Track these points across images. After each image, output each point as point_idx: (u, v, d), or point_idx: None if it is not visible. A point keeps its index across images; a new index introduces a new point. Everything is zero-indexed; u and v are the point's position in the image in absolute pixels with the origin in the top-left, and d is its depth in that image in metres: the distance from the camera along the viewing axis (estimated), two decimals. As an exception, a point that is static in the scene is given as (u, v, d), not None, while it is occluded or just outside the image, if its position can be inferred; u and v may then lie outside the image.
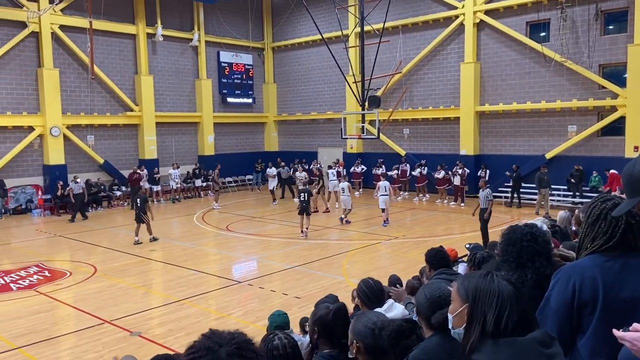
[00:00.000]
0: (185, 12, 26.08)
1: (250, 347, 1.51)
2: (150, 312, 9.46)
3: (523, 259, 2.80)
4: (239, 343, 1.51)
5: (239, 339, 1.52)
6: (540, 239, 2.89)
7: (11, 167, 20.73)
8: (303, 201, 15.65)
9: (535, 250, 2.82)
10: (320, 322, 3.13)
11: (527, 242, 2.84)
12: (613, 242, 2.26)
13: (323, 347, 3.13)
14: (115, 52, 23.69)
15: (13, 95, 20.75)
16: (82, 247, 14.86)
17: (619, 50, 18.38)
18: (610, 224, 2.27)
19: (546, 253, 2.87)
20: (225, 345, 1.49)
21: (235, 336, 1.53)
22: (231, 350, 1.48)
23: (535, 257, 2.81)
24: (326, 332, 3.12)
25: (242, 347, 1.49)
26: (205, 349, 1.49)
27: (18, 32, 20.54)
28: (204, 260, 13.38)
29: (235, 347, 1.49)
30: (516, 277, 2.69)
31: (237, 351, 1.48)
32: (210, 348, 1.49)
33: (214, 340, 1.52)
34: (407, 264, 11.82)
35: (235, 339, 1.52)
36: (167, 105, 25.58)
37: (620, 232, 2.25)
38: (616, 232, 2.25)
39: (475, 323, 1.80)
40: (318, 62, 27.30)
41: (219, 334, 1.54)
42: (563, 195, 19.34)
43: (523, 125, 21.01)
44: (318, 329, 3.14)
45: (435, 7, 22.83)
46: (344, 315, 3.17)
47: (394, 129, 24.46)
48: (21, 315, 9.32)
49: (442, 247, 5.20)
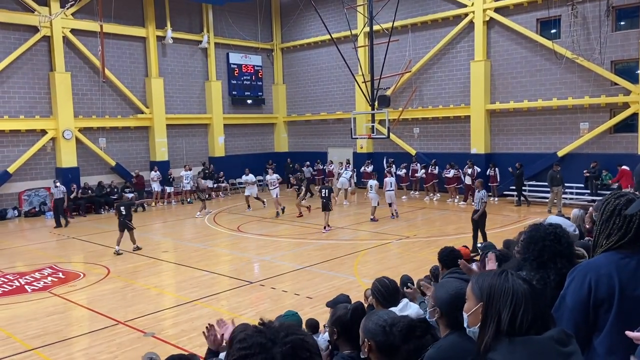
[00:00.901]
0: (194, 14, 26.22)
1: (306, 345, 1.40)
2: (163, 312, 9.52)
3: (544, 259, 2.73)
4: (293, 342, 1.39)
5: (293, 337, 1.40)
6: (564, 239, 2.81)
7: (24, 170, 20.96)
8: (324, 197, 15.92)
9: (557, 251, 2.75)
10: (339, 322, 3.12)
11: (549, 242, 2.76)
12: (628, 238, 2.24)
13: (343, 347, 3.13)
14: (125, 55, 23.88)
15: (26, 99, 21.00)
16: (95, 249, 14.98)
17: (631, 46, 18.18)
18: (624, 219, 2.25)
19: (569, 254, 2.79)
20: (279, 344, 1.38)
21: (289, 332, 1.41)
22: (286, 350, 1.37)
23: (557, 257, 2.73)
24: (345, 332, 3.11)
25: (296, 346, 1.39)
26: (259, 345, 1.37)
27: (30, 37, 20.78)
28: (215, 261, 13.43)
29: (289, 347, 1.38)
30: (538, 278, 2.65)
31: (291, 351, 1.37)
32: (264, 345, 1.37)
33: (267, 336, 1.40)
34: (418, 263, 11.78)
35: (289, 336, 1.40)
36: (177, 107, 25.73)
37: (635, 227, 2.22)
38: (631, 228, 2.23)
39: (489, 322, 1.79)
40: (327, 62, 27.30)
41: (272, 329, 1.42)
42: (576, 193, 19.16)
43: (534, 123, 20.86)
44: (337, 329, 3.13)
45: (444, 5, 22.74)
46: (361, 315, 3.16)
47: (404, 129, 24.39)
48: (36, 317, 9.42)
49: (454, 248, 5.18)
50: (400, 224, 16.97)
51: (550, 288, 2.61)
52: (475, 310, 1.86)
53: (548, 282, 2.65)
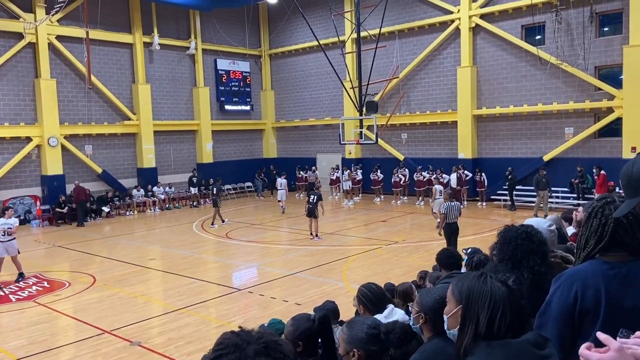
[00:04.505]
0: (181, 20, 26.16)
1: (279, 347, 1.49)
2: (150, 321, 9.42)
3: (518, 257, 2.79)
4: (267, 342, 1.48)
5: (268, 338, 1.49)
6: (536, 237, 2.88)
7: (9, 178, 20.71)
8: (311, 204, 15.64)
9: (530, 249, 2.81)
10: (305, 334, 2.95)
11: (521, 241, 2.83)
12: (604, 242, 2.20)
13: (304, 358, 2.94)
14: (112, 62, 23.74)
15: (10, 106, 20.77)
16: (81, 257, 14.82)
17: (615, 51, 18.45)
18: (600, 222, 2.22)
19: (541, 252, 2.85)
20: (253, 343, 1.46)
21: (264, 335, 1.51)
22: (259, 348, 1.45)
23: (530, 255, 2.79)
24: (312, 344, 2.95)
25: (270, 347, 1.46)
26: (233, 345, 1.46)
27: (15, 43, 20.59)
28: (203, 268, 13.34)
29: (263, 346, 1.46)
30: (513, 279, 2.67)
31: (264, 350, 1.45)
32: (238, 345, 1.46)
33: (242, 337, 1.49)
34: (407, 268, 11.79)
35: (263, 337, 1.49)
36: (164, 113, 25.61)
37: (610, 231, 2.20)
38: (606, 232, 2.21)
39: (468, 324, 1.79)
40: (315, 69, 27.37)
41: (247, 332, 1.52)
42: (562, 197, 19.35)
43: (520, 128, 21.06)
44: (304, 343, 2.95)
45: (430, 12, 22.93)
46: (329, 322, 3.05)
47: (392, 134, 24.50)
48: (21, 327, 9.28)
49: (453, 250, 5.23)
50: (389, 229, 16.99)
51: (526, 287, 2.64)
52: (455, 312, 1.87)
53: (523, 282, 2.69)
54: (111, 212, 22.21)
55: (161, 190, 24.13)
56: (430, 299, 2.59)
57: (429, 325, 2.56)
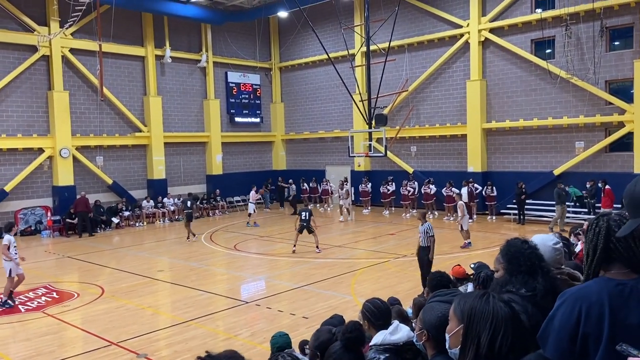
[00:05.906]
0: (193, 33, 26.46)
1: None
2: (157, 333, 9.42)
3: (535, 266, 2.78)
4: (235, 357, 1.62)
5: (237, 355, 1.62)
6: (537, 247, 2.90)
7: (21, 188, 20.93)
8: (304, 220, 15.63)
9: (538, 255, 2.82)
10: (322, 347, 3.09)
11: (529, 250, 2.84)
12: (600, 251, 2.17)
13: None
14: (124, 74, 24.04)
15: (24, 118, 21.07)
16: (90, 268, 14.89)
17: (625, 66, 18.37)
18: (594, 232, 2.20)
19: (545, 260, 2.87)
20: None
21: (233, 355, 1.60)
22: None
23: (541, 261, 2.80)
24: None
25: None
26: None
27: (29, 56, 20.94)
28: (211, 281, 13.35)
29: None
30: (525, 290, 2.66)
31: None
32: None
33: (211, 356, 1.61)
34: (415, 282, 11.72)
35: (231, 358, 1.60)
36: (175, 125, 25.83)
37: (603, 238, 2.16)
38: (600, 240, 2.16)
39: (469, 344, 1.78)
40: (325, 81, 27.51)
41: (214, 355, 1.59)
42: (572, 212, 19.16)
43: (530, 142, 20.96)
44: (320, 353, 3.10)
45: (440, 26, 23.01)
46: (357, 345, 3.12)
47: (402, 147, 24.48)
48: (29, 337, 9.32)
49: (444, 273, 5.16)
50: (398, 242, 16.90)
51: (540, 291, 2.63)
52: (457, 332, 1.85)
53: (537, 286, 2.67)
54: (121, 223, 22.35)
55: (171, 201, 24.27)
56: (433, 316, 2.55)
57: (432, 343, 2.53)
